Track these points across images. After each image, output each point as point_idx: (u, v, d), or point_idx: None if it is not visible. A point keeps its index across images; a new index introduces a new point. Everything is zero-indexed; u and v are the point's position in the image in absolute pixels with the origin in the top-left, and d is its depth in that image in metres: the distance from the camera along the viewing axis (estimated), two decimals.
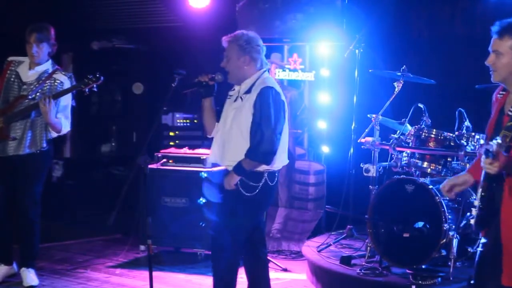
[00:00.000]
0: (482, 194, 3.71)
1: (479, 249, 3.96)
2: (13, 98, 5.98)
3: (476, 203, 3.76)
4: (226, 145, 4.86)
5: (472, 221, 3.91)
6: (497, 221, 3.73)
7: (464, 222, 5.66)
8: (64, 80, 6.01)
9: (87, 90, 5.94)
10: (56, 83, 5.98)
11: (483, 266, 3.89)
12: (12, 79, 6.04)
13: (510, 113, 3.76)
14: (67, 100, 6.04)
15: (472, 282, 4.05)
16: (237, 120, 4.82)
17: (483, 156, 3.61)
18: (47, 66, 6.08)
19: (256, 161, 4.70)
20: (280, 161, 4.91)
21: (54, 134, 6.13)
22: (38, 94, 5.91)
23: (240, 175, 4.68)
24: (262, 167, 4.77)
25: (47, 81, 5.98)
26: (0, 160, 6.00)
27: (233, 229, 4.76)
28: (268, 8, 8.00)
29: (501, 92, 3.94)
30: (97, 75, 5.92)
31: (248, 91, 4.83)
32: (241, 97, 4.86)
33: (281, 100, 4.84)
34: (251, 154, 4.68)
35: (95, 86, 5.92)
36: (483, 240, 3.92)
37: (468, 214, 4.04)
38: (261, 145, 4.67)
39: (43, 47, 5.99)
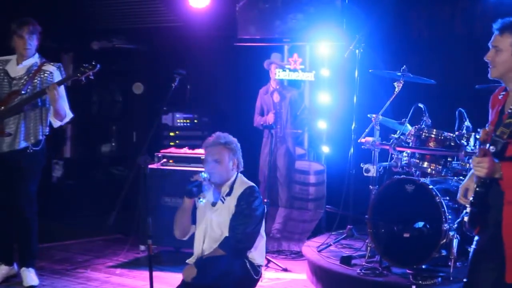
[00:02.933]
0: (477, 189, 3.74)
1: (473, 246, 3.97)
2: (5, 95, 5.97)
3: (471, 199, 3.80)
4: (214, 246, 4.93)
5: (466, 219, 3.93)
6: (494, 221, 3.76)
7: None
8: (53, 70, 6.02)
9: (83, 78, 5.93)
10: (46, 75, 5.98)
11: (478, 263, 3.91)
12: (1, 77, 6.03)
13: (510, 111, 3.78)
14: (62, 90, 6.04)
15: (465, 280, 4.04)
16: (223, 224, 4.87)
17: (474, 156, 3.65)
18: (35, 59, 6.07)
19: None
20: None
21: (56, 123, 6.14)
22: (29, 88, 5.92)
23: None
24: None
25: (37, 74, 5.97)
26: None
27: None
28: (268, 8, 8.01)
29: (501, 93, 3.96)
30: (93, 63, 5.93)
31: (229, 193, 4.90)
32: (222, 199, 4.90)
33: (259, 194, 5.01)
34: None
35: (91, 74, 5.92)
36: (476, 238, 3.94)
37: (464, 212, 4.03)
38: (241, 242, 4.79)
39: (34, 39, 6.00)
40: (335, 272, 6.10)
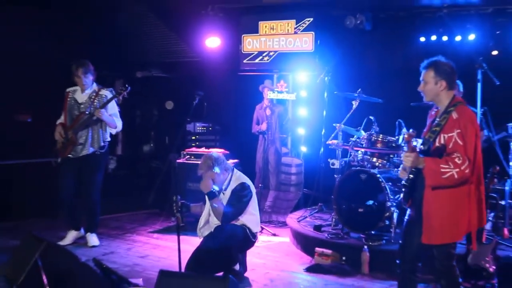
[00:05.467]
0: (410, 176, 3.78)
1: (406, 217, 4.01)
2: (75, 116, 6.02)
3: (404, 182, 3.85)
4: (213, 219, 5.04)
5: (401, 196, 4.00)
6: (419, 198, 3.79)
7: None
8: (107, 94, 6.05)
9: (121, 97, 6.02)
10: (102, 98, 6.01)
11: (409, 229, 3.95)
12: (72, 103, 6.07)
13: (436, 122, 3.83)
14: (114, 107, 6.09)
15: (400, 242, 4.07)
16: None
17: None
18: (93, 88, 6.10)
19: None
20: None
21: (113, 131, 6.17)
22: (91, 109, 5.95)
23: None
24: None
25: (96, 98, 6.00)
26: (73, 159, 6.02)
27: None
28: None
29: (434, 109, 3.99)
30: (126, 86, 6.01)
31: (226, 188, 5.04)
32: (223, 192, 5.04)
33: (249, 188, 5.06)
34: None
35: (125, 94, 5.98)
36: (408, 211, 3.98)
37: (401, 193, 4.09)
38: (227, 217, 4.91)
39: (88, 76, 6.04)
40: (310, 236, 6.15)
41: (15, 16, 7.59)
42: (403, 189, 3.90)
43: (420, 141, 4.19)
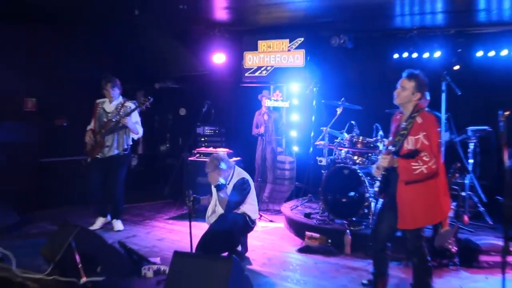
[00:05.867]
0: (383, 173, 3.81)
1: (379, 206, 4.04)
2: (103, 122, 6.04)
3: (379, 179, 3.87)
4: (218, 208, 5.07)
5: (376, 189, 4.01)
6: (393, 191, 3.81)
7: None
8: (131, 105, 6.06)
9: (144, 107, 6.01)
10: (127, 108, 6.02)
11: (381, 216, 3.98)
12: (101, 112, 6.10)
13: (403, 126, 3.83)
14: (137, 116, 6.10)
15: (373, 226, 4.09)
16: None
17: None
18: (119, 100, 6.12)
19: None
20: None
21: (135, 137, 6.18)
22: (117, 118, 5.97)
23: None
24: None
25: (121, 109, 6.02)
26: (101, 159, 6.04)
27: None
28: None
29: (399, 115, 4.00)
30: (148, 97, 6.02)
31: (229, 182, 5.06)
32: (226, 185, 5.05)
33: (248, 182, 5.06)
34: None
35: (148, 103, 5.98)
36: (381, 201, 4.01)
37: (375, 187, 4.11)
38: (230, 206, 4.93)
39: (115, 90, 6.08)
40: (301, 222, 6.17)
41: (55, 38, 7.61)
42: (377, 184, 3.94)
43: (386, 140, 4.23)
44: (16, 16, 7.02)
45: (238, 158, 7.00)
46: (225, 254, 4.83)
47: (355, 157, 6.15)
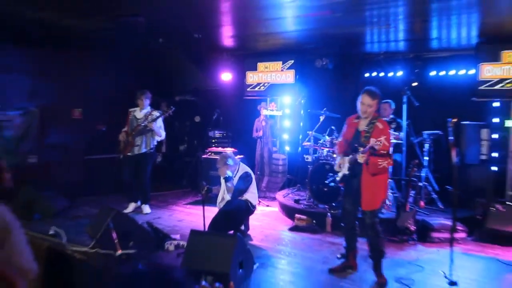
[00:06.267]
0: (349, 166, 3.82)
1: (344, 193, 4.02)
2: (134, 126, 6.03)
3: (345, 170, 3.87)
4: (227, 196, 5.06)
5: (338, 178, 4.00)
6: (358, 180, 3.81)
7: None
8: (156, 113, 6.05)
9: (167, 115, 6.01)
10: (153, 115, 6.02)
11: (348, 201, 3.98)
12: (132, 118, 6.10)
13: (365, 129, 3.82)
14: (161, 122, 6.08)
15: (342, 210, 4.12)
16: (231, 188, 5.00)
17: (359, 152, 3.71)
18: (148, 109, 6.12)
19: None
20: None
21: (158, 139, 6.16)
22: (145, 123, 5.97)
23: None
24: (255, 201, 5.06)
25: (149, 116, 6.01)
26: (131, 156, 6.02)
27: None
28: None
29: (355, 119, 3.97)
30: (170, 107, 6.03)
31: (235, 175, 5.05)
32: (233, 178, 5.03)
33: (250, 175, 5.02)
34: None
35: (170, 112, 5.98)
36: (345, 189, 4.01)
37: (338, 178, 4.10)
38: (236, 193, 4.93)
39: (146, 101, 6.09)
40: (291, 207, 6.16)
41: (95, 61, 7.63)
42: (341, 175, 3.95)
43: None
44: (65, 45, 7.08)
45: (242, 156, 6.99)
46: (231, 232, 4.84)
47: (335, 155, 6.12)
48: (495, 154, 6.01)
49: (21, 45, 6.85)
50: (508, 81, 5.60)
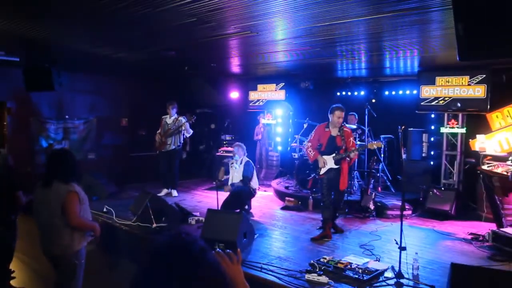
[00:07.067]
0: (334, 161, 3.77)
1: (325, 180, 3.98)
2: (165, 129, 5.95)
3: (332, 165, 3.82)
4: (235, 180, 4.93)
5: (322, 172, 3.95)
6: (338, 170, 3.78)
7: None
8: (182, 119, 5.95)
9: (190, 122, 5.90)
10: (180, 120, 5.92)
11: (328, 185, 3.93)
12: (164, 124, 6.00)
13: (338, 134, 3.79)
14: (187, 126, 5.99)
15: (323, 192, 4.06)
16: (238, 174, 4.90)
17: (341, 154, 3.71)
18: (175, 115, 6.00)
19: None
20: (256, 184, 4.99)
21: (187, 135, 6.01)
22: (173, 127, 5.88)
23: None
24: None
25: (176, 121, 5.92)
26: (164, 152, 5.93)
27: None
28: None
29: (326, 128, 3.97)
30: (193, 116, 5.93)
31: (241, 162, 4.93)
32: (239, 165, 4.94)
33: (251, 164, 4.97)
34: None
35: (194, 119, 5.89)
36: (326, 177, 3.95)
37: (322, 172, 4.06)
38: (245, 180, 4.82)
39: (174, 110, 5.98)
40: (283, 191, 6.09)
41: (138, 85, 7.66)
42: (327, 169, 3.89)
43: (307, 140, 4.17)
44: (116, 71, 7.07)
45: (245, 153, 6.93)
46: (238, 210, 4.80)
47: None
48: (432, 152, 6.00)
49: (85, 72, 6.93)
50: (441, 98, 5.61)
